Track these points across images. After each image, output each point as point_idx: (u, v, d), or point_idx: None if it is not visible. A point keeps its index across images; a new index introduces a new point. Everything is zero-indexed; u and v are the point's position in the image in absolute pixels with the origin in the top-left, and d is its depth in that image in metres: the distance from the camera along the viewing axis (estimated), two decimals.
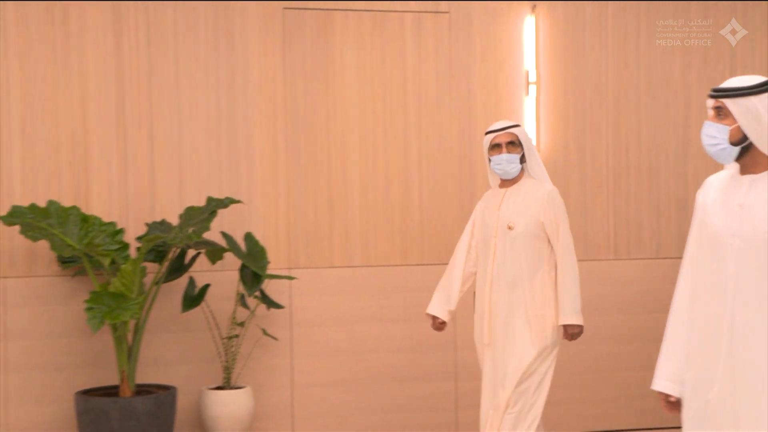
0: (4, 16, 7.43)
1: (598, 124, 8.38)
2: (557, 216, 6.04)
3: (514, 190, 6.14)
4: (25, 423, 7.38)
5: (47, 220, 7.06)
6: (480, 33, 8.18)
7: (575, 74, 8.37)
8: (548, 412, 7.73)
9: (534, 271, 6.01)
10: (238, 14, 7.82)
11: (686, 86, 8.51)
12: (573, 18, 8.33)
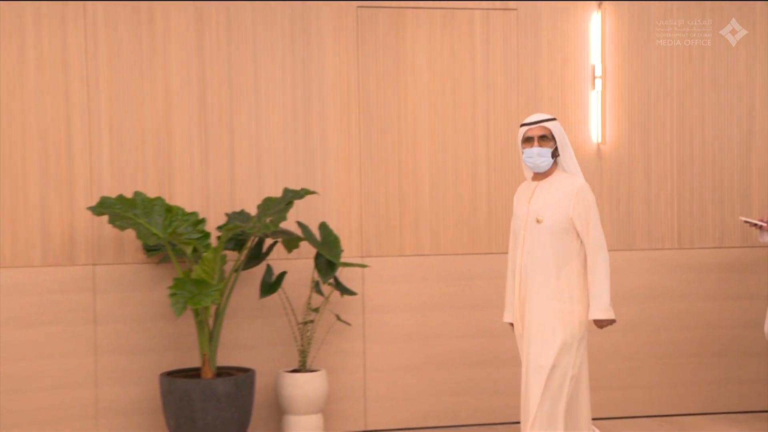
0: (94, 18, 7.54)
1: (662, 117, 8.37)
2: (587, 211, 5.95)
3: (545, 183, 6.10)
4: (113, 402, 7.54)
5: (133, 211, 7.18)
6: (547, 29, 8.18)
7: (640, 69, 8.32)
8: (619, 397, 8.03)
9: (562, 265, 5.96)
10: (313, 13, 7.88)
11: (751, 80, 8.49)
12: (638, 14, 8.25)
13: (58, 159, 7.55)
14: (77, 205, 7.48)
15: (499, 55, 8.16)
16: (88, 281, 7.50)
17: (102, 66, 7.58)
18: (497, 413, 8.24)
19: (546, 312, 5.94)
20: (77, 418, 7.50)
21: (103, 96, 7.59)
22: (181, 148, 7.68)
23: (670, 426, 7.98)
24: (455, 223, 8.08)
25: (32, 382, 7.52)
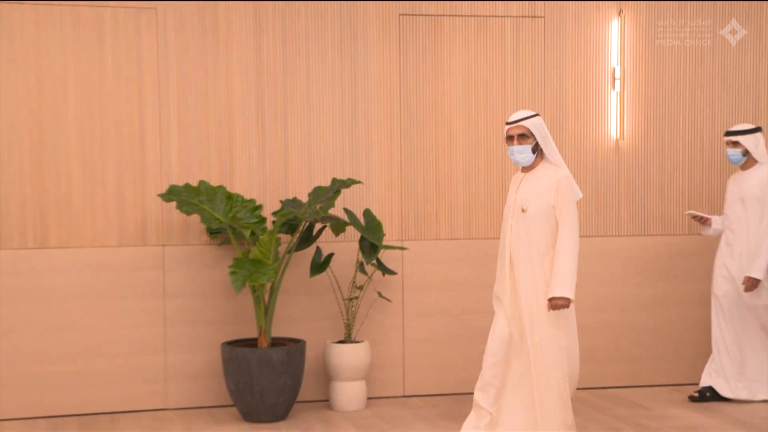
0: (165, 24, 7.77)
1: (675, 115, 8.51)
2: (565, 199, 6.00)
3: (531, 175, 6.17)
4: (180, 368, 7.84)
5: (198, 197, 7.48)
6: (571, 34, 8.35)
7: (656, 70, 8.47)
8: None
9: (545, 251, 6.01)
10: (360, 19, 8.05)
11: (757, 80, 8.62)
12: (655, 19, 8.32)
13: (132, 151, 7.75)
14: (149, 192, 7.72)
15: (528, 59, 8.32)
16: (158, 260, 7.78)
17: (171, 67, 7.81)
18: None
19: (535, 295, 6.00)
20: (149, 382, 7.75)
21: (172, 94, 7.80)
22: (240, 142, 7.91)
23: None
24: (486, 210, 8.24)
25: (109, 349, 7.73)
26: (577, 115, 8.26)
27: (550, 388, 6.02)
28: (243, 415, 7.53)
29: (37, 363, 7.68)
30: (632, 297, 8.49)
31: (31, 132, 7.64)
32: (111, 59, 7.72)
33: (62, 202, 7.73)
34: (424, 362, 8.21)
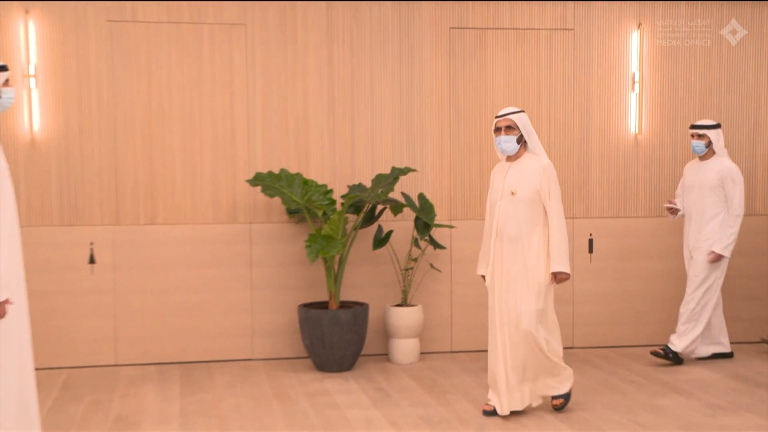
0: (252, 37, 7.93)
1: (687, 113, 8.58)
2: (550, 185, 6.10)
3: (517, 163, 6.20)
4: (264, 326, 8.17)
5: (279, 183, 7.76)
6: (597, 45, 8.49)
7: (670, 75, 8.58)
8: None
9: (531, 229, 6.09)
10: (416, 32, 8.18)
11: (758, 84, 8.70)
12: (670, 32, 8.40)
13: (225, 144, 8.03)
14: (238, 178, 8.04)
15: (559, 65, 8.46)
16: (246, 235, 8.08)
17: (257, 74, 8.00)
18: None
19: (520, 267, 6.08)
20: (238, 336, 8.11)
21: (258, 96, 8.02)
22: (314, 136, 8.14)
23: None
24: None
25: (206, 308, 8.04)
26: (601, 113, 8.41)
27: (537, 344, 6.06)
28: (316, 366, 7.79)
29: (147, 319, 7.96)
30: (650, 269, 8.49)
31: (142, 129, 7.88)
32: (208, 68, 7.95)
33: (167, 186, 8.00)
34: (468, 323, 8.26)
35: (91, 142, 7.75)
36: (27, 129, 7.62)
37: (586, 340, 8.45)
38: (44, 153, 7.67)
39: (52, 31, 7.66)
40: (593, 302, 8.44)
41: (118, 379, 7.48)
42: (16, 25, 7.61)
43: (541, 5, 8.32)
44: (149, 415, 6.50)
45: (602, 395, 6.79)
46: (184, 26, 7.84)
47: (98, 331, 7.83)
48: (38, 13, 7.60)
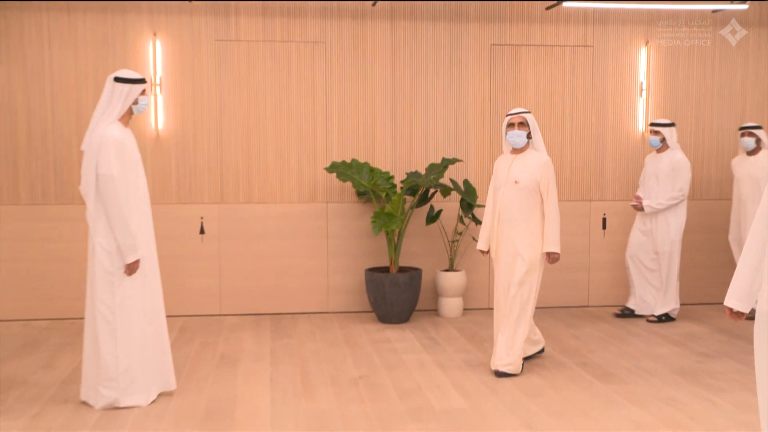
0: (330, 53, 8.05)
1: (685, 116, 8.62)
2: (549, 179, 5.99)
3: (521, 156, 6.08)
4: (337, 286, 8.29)
5: (351, 170, 7.88)
6: (612, 59, 8.50)
7: (672, 84, 8.60)
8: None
9: (529, 214, 5.99)
10: (463, 48, 8.26)
11: (743, 92, 8.75)
12: (672, 48, 8.47)
13: (307, 139, 8.16)
14: (318, 166, 8.19)
15: (581, 76, 8.48)
16: (323, 212, 8.22)
17: (334, 83, 8.14)
18: (569, 300, 8.53)
19: (518, 245, 5.99)
20: (315, 294, 8.25)
21: (334, 101, 8.15)
22: (379, 132, 8.23)
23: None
24: None
25: (291, 271, 8.20)
26: (615, 115, 8.51)
27: (525, 310, 6.03)
28: (378, 318, 7.91)
29: (246, 279, 8.10)
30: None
31: (242, 126, 8.03)
32: (294, 77, 8.07)
33: (261, 172, 8.11)
34: None
35: (201, 137, 8.00)
36: (153, 127, 7.92)
37: (600, 301, 8.58)
38: (166, 146, 7.95)
39: (174, 49, 7.93)
40: (606, 269, 8.59)
41: (222, 325, 7.69)
42: (147, 44, 7.89)
43: (566, 26, 8.33)
44: (246, 354, 6.66)
45: (612, 345, 6.94)
46: (276, 44, 8.01)
47: (207, 287, 8.09)
48: (163, 34, 7.89)
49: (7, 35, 7.75)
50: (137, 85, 5.32)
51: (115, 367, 5.25)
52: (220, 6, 7.95)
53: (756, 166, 7.88)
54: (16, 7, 7.74)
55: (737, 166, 8.11)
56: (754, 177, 7.89)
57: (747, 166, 7.98)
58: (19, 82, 7.81)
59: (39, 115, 7.84)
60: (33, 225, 7.87)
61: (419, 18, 8.23)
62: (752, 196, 7.92)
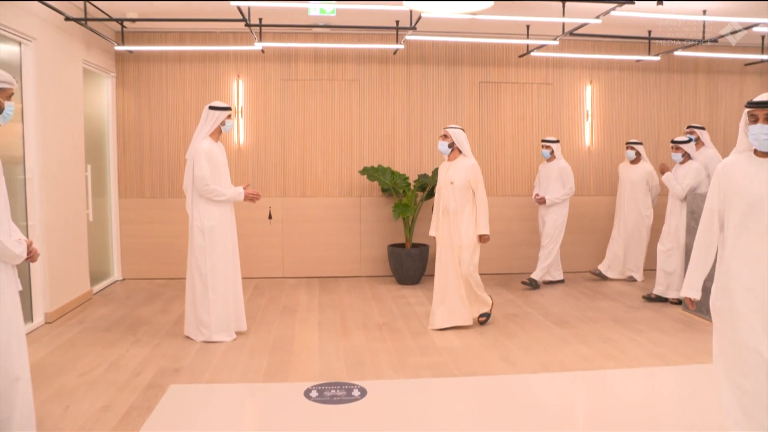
0: (362, 88, 7.88)
1: (620, 135, 8.41)
2: (477, 178, 5.65)
3: (454, 162, 5.74)
4: (367, 256, 8.16)
5: (377, 173, 7.79)
6: (567, 93, 8.36)
7: (609, 112, 8.42)
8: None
9: (463, 206, 5.64)
10: (459, 84, 8.02)
11: (659, 118, 8.42)
12: (610, 84, 8.33)
13: (346, 149, 8.06)
14: (353, 169, 8.10)
15: (544, 105, 8.33)
16: (357, 204, 8.12)
17: (365, 109, 8.00)
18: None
19: (457, 231, 5.64)
20: (351, 263, 8.15)
21: (365, 122, 8.02)
22: (398, 145, 8.10)
23: None
24: (518, 176, 8.19)
25: (333, 245, 8.06)
26: (569, 133, 8.38)
27: (476, 278, 5.72)
28: (397, 281, 7.81)
29: (300, 251, 8.05)
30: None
31: (299, 142, 7.98)
32: (337, 105, 8.00)
33: (313, 174, 8.03)
34: (490, 256, 8.06)
35: (270, 148, 7.98)
36: (236, 142, 7.95)
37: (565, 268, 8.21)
38: (245, 155, 7.96)
39: (251, 86, 7.92)
40: (574, 244, 8.29)
41: (284, 285, 7.71)
42: (232, 83, 7.93)
43: (533, 69, 8.23)
44: (302, 306, 6.69)
45: (566, 301, 6.92)
46: (324, 81, 7.98)
47: (273, 257, 8.06)
48: (244, 76, 7.92)
49: (138, 79, 7.87)
50: (224, 111, 5.39)
51: (207, 314, 5.36)
52: (284, 55, 7.95)
53: (635, 173, 7.63)
54: (144, 59, 7.84)
55: (622, 172, 7.80)
56: (632, 181, 7.63)
57: (629, 173, 7.69)
58: (145, 111, 7.91)
59: (157, 134, 7.91)
60: (153, 212, 7.94)
61: (427, 62, 8.15)
62: (632, 195, 7.64)
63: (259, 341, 5.42)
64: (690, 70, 8.57)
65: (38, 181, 5.83)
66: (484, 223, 5.69)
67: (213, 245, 5.31)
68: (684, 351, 5.14)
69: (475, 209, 5.72)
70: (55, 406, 3.99)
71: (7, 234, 3.10)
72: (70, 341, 5.40)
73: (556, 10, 6.37)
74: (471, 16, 6.42)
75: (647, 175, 7.64)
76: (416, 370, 4.69)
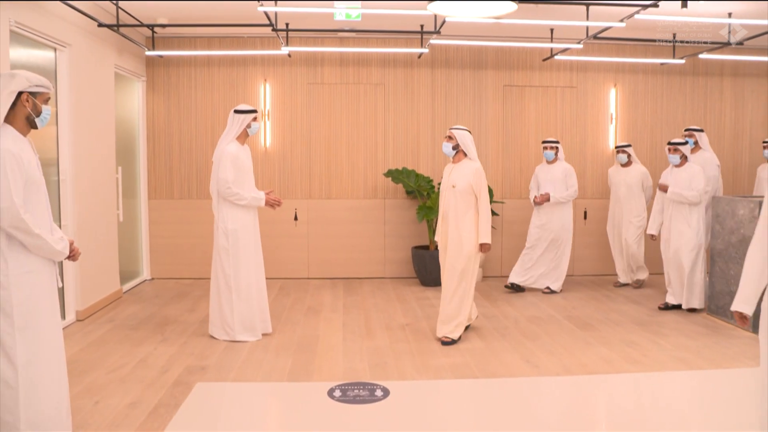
0: (387, 92, 7.89)
1: (642, 138, 8.36)
2: (480, 182, 5.31)
3: (458, 165, 5.40)
4: (391, 258, 8.13)
5: (402, 175, 7.77)
6: (591, 96, 8.30)
7: (634, 115, 8.35)
8: None
9: (466, 212, 5.29)
10: (484, 87, 7.99)
11: (683, 121, 8.34)
12: (634, 88, 8.28)
13: (371, 152, 8.07)
14: (378, 172, 8.09)
15: (567, 108, 8.28)
16: (382, 206, 8.11)
17: (390, 113, 7.98)
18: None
19: (459, 237, 5.29)
20: (375, 264, 8.14)
21: (390, 125, 7.98)
22: (423, 148, 8.06)
23: None
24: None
25: (358, 246, 8.07)
26: (593, 137, 8.33)
27: (467, 292, 5.33)
28: (421, 282, 7.75)
29: (325, 252, 8.06)
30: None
31: (325, 145, 8.00)
32: (362, 108, 8.03)
33: (338, 176, 8.05)
34: (512, 258, 8.03)
35: (296, 151, 8.02)
36: (263, 144, 8.00)
37: (582, 271, 8.34)
38: (271, 158, 8.01)
39: (278, 90, 7.98)
40: (587, 248, 8.33)
41: (309, 285, 7.74)
42: (260, 87, 7.98)
43: (557, 72, 8.20)
44: (326, 306, 6.71)
45: (588, 303, 6.86)
46: (350, 85, 8.01)
47: (299, 258, 8.09)
48: (271, 80, 7.97)
49: (167, 82, 7.98)
50: (249, 114, 5.43)
51: (230, 314, 5.41)
52: (310, 59, 8.00)
53: (630, 176, 7.38)
54: (173, 63, 7.94)
55: (614, 176, 7.53)
56: (628, 184, 7.37)
57: (623, 176, 7.41)
58: (174, 114, 8.00)
59: (186, 137, 8.00)
60: (181, 213, 8.03)
61: (452, 66, 8.16)
62: (628, 198, 7.37)
63: (284, 341, 5.45)
64: (715, 73, 8.47)
65: (71, 183, 5.94)
66: (486, 232, 5.33)
67: (236, 247, 5.35)
68: (708, 355, 5.08)
69: (477, 216, 5.39)
70: (86, 401, 4.06)
71: (49, 231, 3.20)
72: (101, 338, 5.48)
73: (580, 14, 6.34)
74: (495, 20, 6.40)
75: (643, 176, 7.41)
76: (439, 371, 4.68)
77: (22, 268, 3.10)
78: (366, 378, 4.52)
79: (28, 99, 3.15)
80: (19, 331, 3.08)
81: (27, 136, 3.21)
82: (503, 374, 4.64)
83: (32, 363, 3.13)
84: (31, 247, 3.11)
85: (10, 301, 3.06)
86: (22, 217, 3.04)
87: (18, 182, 3.04)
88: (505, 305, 6.78)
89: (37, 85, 3.20)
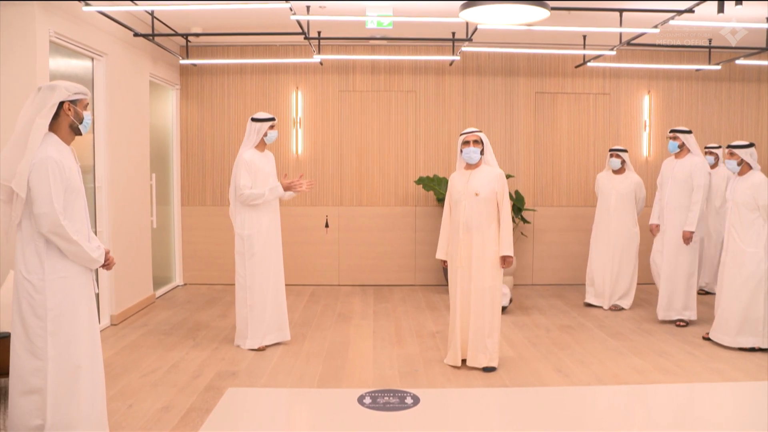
0: (418, 99, 7.89)
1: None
2: (503, 189, 4.86)
3: (477, 171, 4.91)
4: (421, 265, 8.07)
5: (433, 183, 7.78)
6: (624, 103, 8.23)
7: (667, 122, 8.25)
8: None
9: (489, 222, 4.83)
10: (515, 94, 7.99)
11: (719, 128, 8.23)
12: (668, 95, 8.21)
13: (402, 159, 8.10)
14: (409, 179, 8.12)
15: (601, 115, 8.23)
16: (412, 213, 8.13)
17: (421, 120, 7.98)
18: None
19: (484, 251, 4.81)
20: (407, 271, 8.15)
21: (421, 132, 8.02)
22: (453, 155, 7.97)
23: None
24: (576, 189, 8.17)
25: (388, 254, 8.09)
26: (626, 144, 8.24)
27: (497, 310, 4.88)
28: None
29: (356, 259, 8.09)
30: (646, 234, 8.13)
31: (357, 152, 8.06)
32: (394, 115, 8.04)
33: (369, 184, 8.09)
34: (543, 266, 8.10)
35: (327, 158, 8.08)
36: (294, 151, 8.08)
37: None
38: (303, 164, 8.08)
39: (310, 97, 8.05)
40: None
41: (340, 292, 7.76)
42: (291, 94, 8.06)
43: (590, 79, 8.19)
44: (356, 313, 6.73)
45: (620, 313, 6.74)
46: (381, 93, 8.07)
47: (329, 265, 8.13)
48: (303, 87, 8.05)
49: (201, 91, 8.10)
50: (266, 122, 5.41)
51: (244, 322, 5.38)
52: (342, 67, 8.07)
53: (623, 184, 6.83)
54: (207, 71, 8.07)
55: (603, 183, 6.92)
56: (619, 192, 6.79)
57: (615, 183, 6.85)
58: (207, 122, 8.11)
59: (219, 144, 8.11)
60: (213, 219, 8.12)
61: (483, 73, 8.16)
62: (619, 209, 6.80)
63: (314, 347, 5.48)
64: (753, 79, 8.35)
65: (107, 189, 6.06)
66: (508, 243, 4.88)
67: (251, 252, 5.32)
68: (744, 367, 5.00)
69: (497, 228, 4.93)
70: (119, 404, 4.13)
71: (86, 239, 3.27)
72: (134, 343, 5.58)
73: (613, 20, 6.30)
74: (527, 27, 6.40)
75: (636, 186, 6.86)
76: (469, 380, 4.68)
77: (57, 273, 3.17)
78: (396, 385, 4.53)
79: (69, 108, 3.24)
80: (51, 335, 3.14)
81: (70, 145, 3.30)
82: (534, 383, 4.62)
83: (63, 368, 3.17)
84: (68, 253, 3.18)
85: (44, 305, 3.13)
86: (62, 223, 3.11)
87: (59, 189, 3.12)
88: (536, 314, 6.75)
89: (76, 92, 3.29)
